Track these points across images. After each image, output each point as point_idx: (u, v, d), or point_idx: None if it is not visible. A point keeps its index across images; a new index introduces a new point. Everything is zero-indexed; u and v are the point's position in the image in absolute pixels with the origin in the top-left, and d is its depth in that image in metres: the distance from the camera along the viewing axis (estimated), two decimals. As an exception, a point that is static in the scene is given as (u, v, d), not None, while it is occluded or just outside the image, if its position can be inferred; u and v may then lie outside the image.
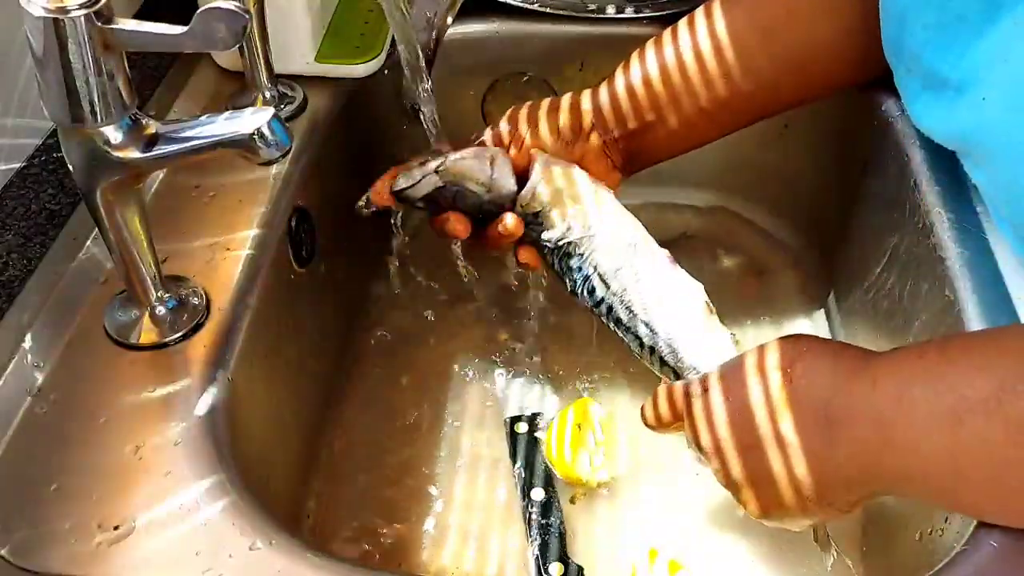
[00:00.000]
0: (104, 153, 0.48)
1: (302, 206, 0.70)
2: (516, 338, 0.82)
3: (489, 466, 0.73)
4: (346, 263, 0.80)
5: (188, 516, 0.48)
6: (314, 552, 0.48)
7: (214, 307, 0.58)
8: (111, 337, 0.57)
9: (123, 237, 0.53)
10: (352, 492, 0.72)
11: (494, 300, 0.86)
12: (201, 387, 0.54)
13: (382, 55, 0.78)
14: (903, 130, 0.71)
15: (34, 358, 0.56)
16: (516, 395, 0.78)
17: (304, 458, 0.71)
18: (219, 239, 0.63)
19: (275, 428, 0.64)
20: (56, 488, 0.50)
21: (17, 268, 0.60)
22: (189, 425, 0.52)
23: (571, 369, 0.80)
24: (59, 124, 0.48)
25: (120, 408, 0.53)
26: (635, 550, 0.67)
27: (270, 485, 0.61)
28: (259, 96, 0.72)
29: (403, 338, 0.83)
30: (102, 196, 0.51)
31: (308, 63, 0.75)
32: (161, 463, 0.51)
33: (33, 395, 0.54)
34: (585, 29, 0.84)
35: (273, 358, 0.63)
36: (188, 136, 0.49)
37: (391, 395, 0.78)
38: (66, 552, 0.47)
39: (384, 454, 0.74)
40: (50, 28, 0.44)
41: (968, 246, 0.62)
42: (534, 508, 0.69)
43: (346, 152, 0.80)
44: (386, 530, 0.69)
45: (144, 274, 0.55)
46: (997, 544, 0.48)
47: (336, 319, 0.79)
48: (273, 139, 0.47)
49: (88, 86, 0.46)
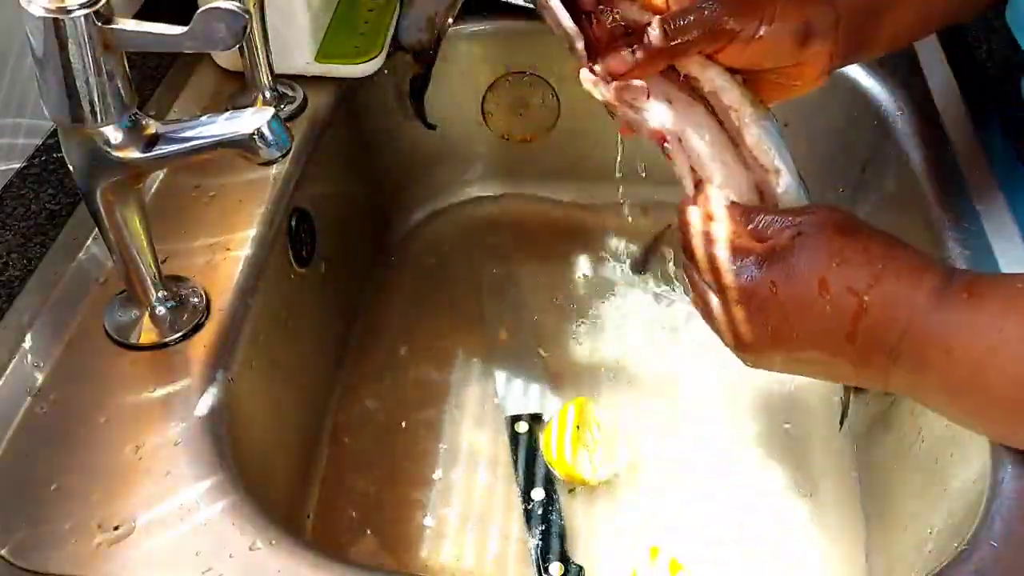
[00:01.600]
0: (104, 153, 0.48)
1: (302, 206, 0.70)
2: (516, 338, 0.82)
3: (489, 466, 0.73)
4: (346, 263, 0.80)
5: (188, 516, 0.48)
6: (314, 552, 0.48)
7: (214, 307, 0.58)
8: (111, 337, 0.57)
9: (123, 237, 0.53)
10: (352, 492, 0.71)
11: (494, 300, 0.86)
12: (201, 387, 0.54)
13: (382, 55, 0.77)
14: (903, 130, 0.71)
15: (34, 358, 0.56)
16: (516, 395, 0.78)
17: (304, 458, 0.71)
18: (219, 239, 0.63)
19: (275, 428, 0.64)
20: (56, 488, 0.50)
21: (17, 268, 0.60)
22: (189, 425, 0.52)
23: (571, 369, 0.80)
24: (59, 124, 0.48)
25: (120, 408, 0.53)
26: (636, 549, 0.67)
27: (270, 485, 0.61)
28: (259, 96, 0.72)
29: (403, 338, 0.83)
30: (102, 196, 0.51)
31: (308, 63, 0.75)
32: (161, 463, 0.51)
33: (33, 395, 0.54)
34: (585, 29, 0.84)
35: (273, 358, 0.63)
36: (188, 136, 0.49)
37: (391, 395, 0.78)
38: (66, 552, 0.47)
39: (384, 454, 0.74)
40: (50, 28, 0.44)
41: (968, 245, 0.62)
42: (534, 508, 0.69)
43: (346, 152, 0.80)
44: (386, 530, 0.69)
45: (144, 274, 0.55)
46: (997, 544, 0.48)
47: (336, 319, 0.79)
48: (273, 139, 0.47)
49: (88, 86, 0.46)
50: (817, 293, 0.47)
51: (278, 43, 0.71)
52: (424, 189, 0.93)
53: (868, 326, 0.47)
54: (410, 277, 0.89)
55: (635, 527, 0.69)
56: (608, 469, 0.71)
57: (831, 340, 0.48)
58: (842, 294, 0.47)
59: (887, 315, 0.47)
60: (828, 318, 0.47)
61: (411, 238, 0.92)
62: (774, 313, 0.49)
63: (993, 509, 0.50)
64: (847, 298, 0.47)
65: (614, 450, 0.72)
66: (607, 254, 0.90)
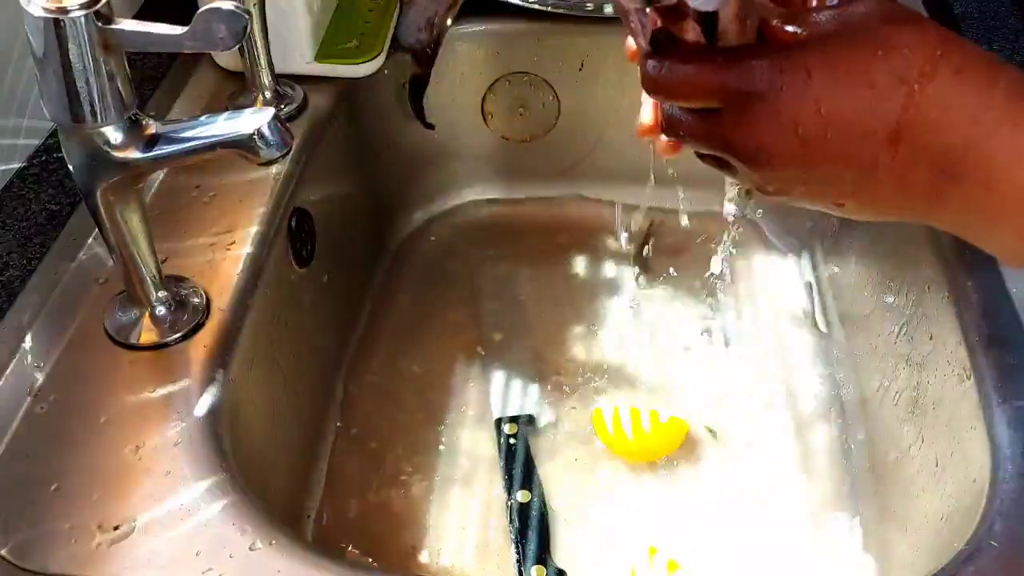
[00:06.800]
0: (104, 153, 0.48)
1: (302, 206, 0.70)
2: (515, 339, 0.82)
3: (488, 466, 0.73)
4: (346, 263, 0.80)
5: (188, 516, 0.48)
6: (314, 552, 0.48)
7: (214, 307, 0.58)
8: (111, 337, 0.57)
9: (123, 237, 0.53)
10: (352, 492, 0.72)
11: (492, 301, 0.86)
12: (201, 387, 0.54)
13: (382, 55, 0.78)
14: (903, 130, 0.71)
15: (34, 358, 0.56)
16: (512, 396, 0.78)
17: (304, 458, 0.71)
18: (219, 239, 0.63)
19: (275, 428, 0.64)
20: (56, 488, 0.50)
21: (17, 268, 0.60)
22: (189, 425, 0.52)
23: (570, 370, 0.80)
24: (59, 124, 0.48)
25: (120, 408, 0.53)
26: (634, 549, 0.67)
27: (270, 485, 0.61)
28: (259, 96, 0.72)
29: (402, 338, 0.83)
30: (102, 196, 0.51)
31: (308, 63, 0.75)
32: (161, 463, 0.51)
33: (33, 395, 0.54)
34: (585, 29, 0.84)
35: (273, 358, 0.63)
36: (188, 136, 0.49)
37: (390, 395, 0.78)
38: (66, 552, 0.47)
39: (383, 454, 0.74)
40: (50, 28, 0.44)
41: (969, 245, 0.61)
42: (518, 509, 0.69)
43: (346, 152, 0.80)
44: (386, 530, 0.69)
45: (144, 274, 0.55)
46: (997, 544, 0.48)
47: (336, 319, 0.79)
48: (273, 139, 0.47)
49: (88, 86, 0.46)
50: (861, 84, 0.38)
51: (278, 43, 0.71)
52: (424, 189, 0.93)
53: (917, 123, 0.38)
54: (409, 277, 0.89)
55: (634, 527, 0.69)
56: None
57: (869, 145, 0.39)
58: (890, 85, 0.38)
59: (944, 117, 0.38)
60: (870, 114, 0.38)
61: (411, 238, 0.92)
62: (806, 109, 0.39)
63: (993, 509, 0.50)
64: (895, 89, 0.38)
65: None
66: (606, 255, 0.90)
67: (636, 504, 0.71)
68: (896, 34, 0.39)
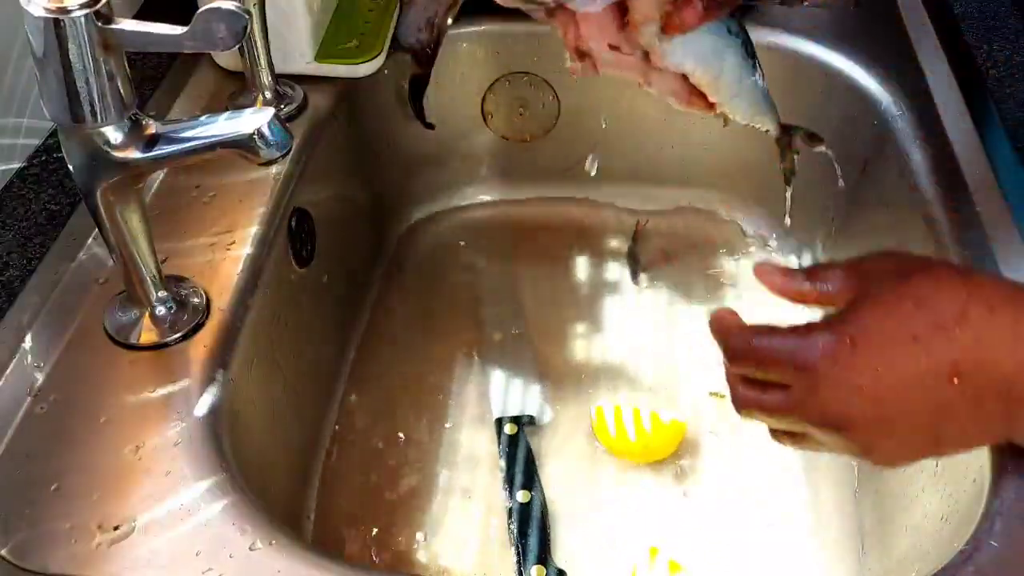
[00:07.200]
0: (104, 153, 0.48)
1: (302, 206, 0.70)
2: (515, 339, 0.82)
3: (487, 466, 0.73)
4: (346, 263, 0.80)
5: (188, 516, 0.48)
6: (314, 552, 0.48)
7: (214, 307, 0.58)
8: (111, 337, 0.56)
9: (123, 237, 0.53)
10: (351, 492, 0.72)
11: (492, 301, 0.86)
12: (201, 387, 0.54)
13: (382, 55, 0.77)
14: (903, 130, 0.71)
15: (34, 358, 0.56)
16: (512, 396, 0.78)
17: (304, 458, 0.71)
18: (219, 239, 0.63)
19: (275, 428, 0.64)
20: (56, 488, 0.49)
21: (17, 268, 0.60)
22: (189, 425, 0.52)
23: (570, 369, 0.80)
24: (59, 124, 0.48)
25: (120, 408, 0.53)
26: (635, 549, 0.67)
27: (270, 485, 0.61)
28: (259, 96, 0.72)
29: (402, 338, 0.83)
30: (102, 196, 0.51)
31: (308, 63, 0.75)
32: (161, 463, 0.51)
33: (33, 395, 0.54)
34: (585, 29, 0.84)
35: (273, 358, 0.63)
36: (188, 136, 0.49)
37: (390, 395, 0.78)
38: (66, 552, 0.47)
39: (383, 454, 0.74)
40: (50, 28, 0.44)
41: (969, 246, 0.62)
42: (518, 509, 0.69)
43: (346, 152, 0.80)
44: (385, 530, 0.69)
45: (144, 274, 0.55)
46: (997, 544, 0.48)
47: (336, 319, 0.79)
48: (273, 139, 0.47)
49: (88, 86, 0.46)
50: (906, 341, 0.42)
51: (278, 43, 0.71)
52: (424, 189, 0.93)
53: (968, 361, 0.42)
54: (409, 276, 0.89)
55: (634, 527, 0.69)
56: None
57: (934, 389, 0.43)
58: (929, 334, 0.42)
59: (991, 355, 0.42)
60: (925, 361, 0.42)
61: (411, 237, 0.92)
62: (863, 374, 0.43)
63: (993, 509, 0.50)
64: (936, 334, 0.42)
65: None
66: (606, 255, 0.90)
67: (637, 504, 0.71)
68: (917, 287, 0.44)
